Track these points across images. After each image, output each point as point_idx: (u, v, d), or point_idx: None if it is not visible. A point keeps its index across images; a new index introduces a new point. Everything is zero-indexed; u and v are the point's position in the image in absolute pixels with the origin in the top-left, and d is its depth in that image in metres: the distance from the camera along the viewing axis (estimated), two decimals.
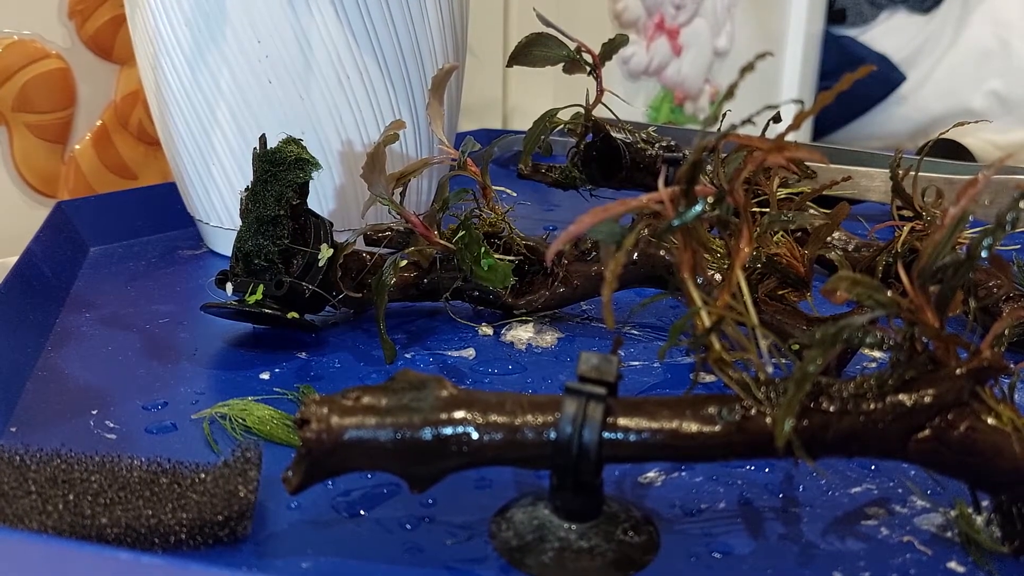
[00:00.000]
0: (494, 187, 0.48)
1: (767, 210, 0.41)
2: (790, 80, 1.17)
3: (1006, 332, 0.28)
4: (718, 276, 0.37)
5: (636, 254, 0.45)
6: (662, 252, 0.44)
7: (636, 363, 0.44)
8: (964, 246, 0.27)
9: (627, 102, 0.67)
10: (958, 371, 0.27)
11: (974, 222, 0.29)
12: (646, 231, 0.41)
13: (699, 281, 0.27)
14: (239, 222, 0.45)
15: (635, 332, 0.48)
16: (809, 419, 0.27)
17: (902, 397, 0.27)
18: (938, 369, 0.27)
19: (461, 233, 0.45)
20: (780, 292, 0.41)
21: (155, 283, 0.56)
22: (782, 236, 0.41)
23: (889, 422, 0.27)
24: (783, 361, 0.32)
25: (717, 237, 0.40)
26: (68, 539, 0.28)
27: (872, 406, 0.27)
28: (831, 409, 0.27)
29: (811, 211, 0.46)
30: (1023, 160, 0.91)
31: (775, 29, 1.15)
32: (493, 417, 0.27)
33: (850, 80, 0.23)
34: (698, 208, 0.24)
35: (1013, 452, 0.27)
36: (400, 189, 0.47)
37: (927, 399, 0.27)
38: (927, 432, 0.27)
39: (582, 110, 0.56)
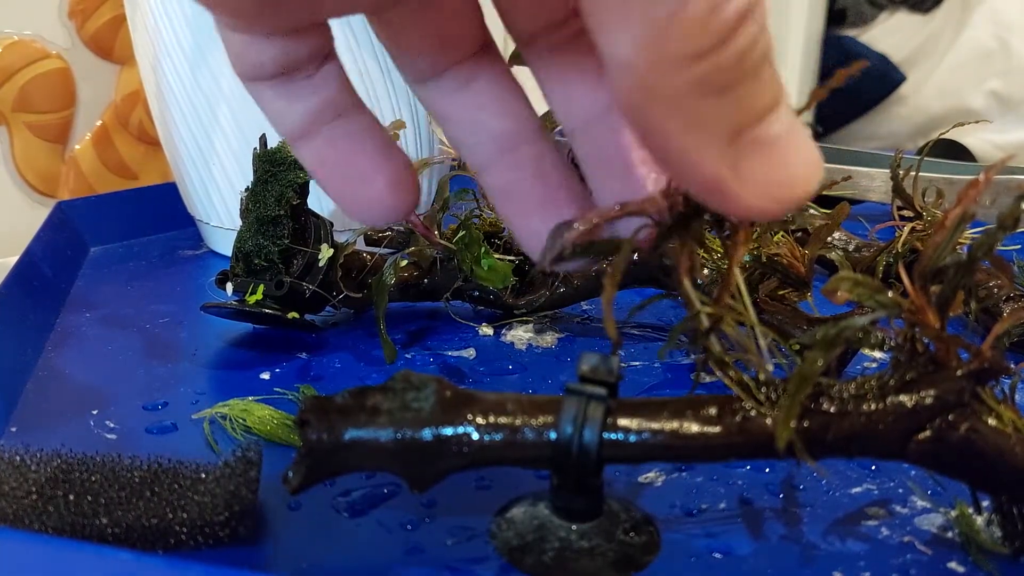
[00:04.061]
0: None
1: None
2: (790, 80, 1.17)
3: (1007, 333, 0.28)
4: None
5: (636, 255, 0.45)
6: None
7: (636, 363, 0.44)
8: (965, 247, 0.27)
9: None
10: (959, 372, 0.27)
11: (975, 222, 0.29)
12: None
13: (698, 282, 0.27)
14: (239, 222, 0.45)
15: (635, 332, 0.48)
16: (810, 420, 0.27)
17: (903, 398, 0.27)
18: (939, 370, 0.27)
19: (461, 233, 0.45)
20: (780, 292, 0.41)
21: (155, 283, 0.56)
22: (782, 236, 0.41)
23: (890, 423, 0.26)
24: (783, 361, 0.32)
25: (715, 237, 0.39)
26: (68, 539, 0.28)
27: (873, 407, 0.27)
28: (832, 410, 0.27)
29: (811, 211, 0.46)
30: (1023, 160, 0.91)
31: (775, 29, 1.15)
32: (493, 417, 0.27)
33: (843, 77, 0.22)
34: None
35: (1014, 453, 0.27)
36: None
37: (928, 400, 0.27)
38: (928, 433, 0.27)
39: None
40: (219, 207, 0.58)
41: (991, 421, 0.27)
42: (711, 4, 0.16)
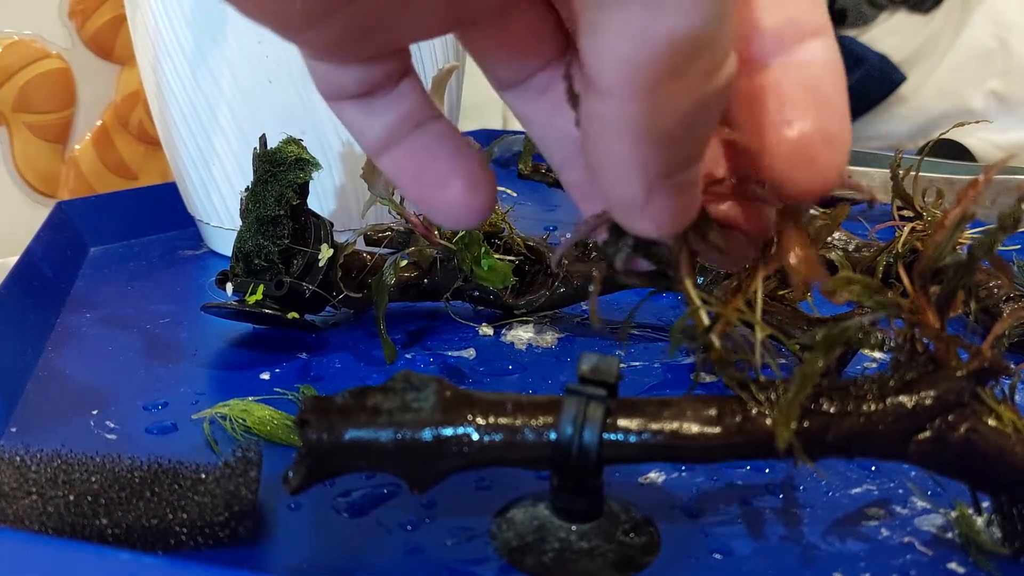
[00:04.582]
0: None
1: None
2: None
3: (1007, 333, 0.28)
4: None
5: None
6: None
7: (636, 363, 0.44)
8: (965, 247, 0.27)
9: None
10: (959, 372, 0.27)
11: (975, 223, 0.29)
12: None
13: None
14: (239, 222, 0.45)
15: (635, 332, 0.48)
16: (810, 420, 0.27)
17: (903, 398, 0.27)
18: (939, 370, 0.27)
19: (461, 233, 0.45)
20: (780, 292, 0.41)
21: (155, 283, 0.56)
22: None
23: (890, 423, 0.26)
24: (783, 361, 0.32)
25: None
26: (69, 540, 0.28)
27: (873, 407, 0.27)
28: (831, 410, 0.27)
29: (811, 211, 0.46)
30: (1023, 160, 0.91)
31: None
32: (493, 418, 0.27)
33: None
34: None
35: (1014, 453, 0.27)
36: None
37: (928, 400, 0.27)
38: (928, 433, 0.27)
39: None
40: (219, 207, 0.58)
41: (991, 422, 0.27)
42: (711, 67, 0.17)
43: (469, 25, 0.22)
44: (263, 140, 0.46)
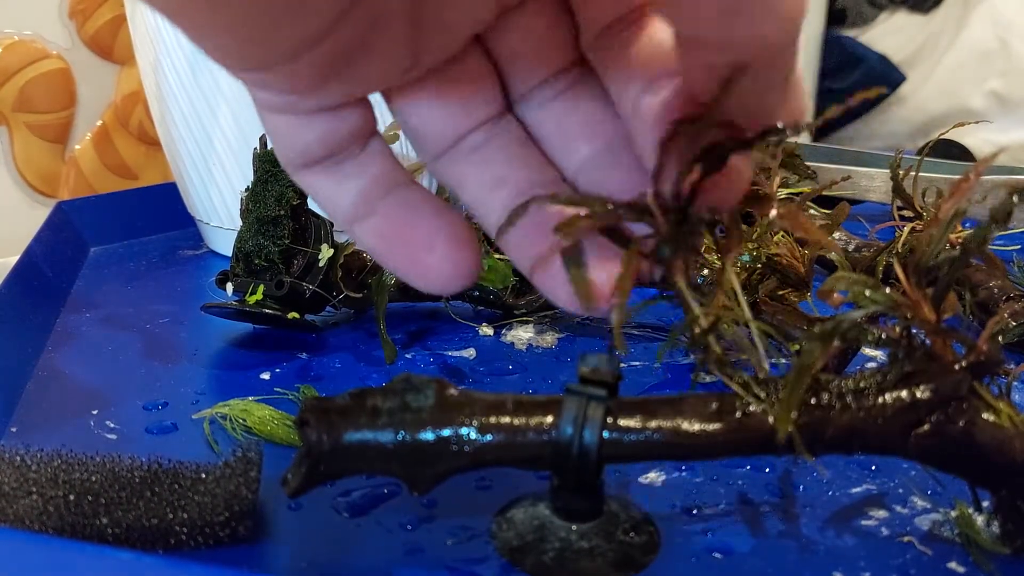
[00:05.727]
0: None
1: None
2: None
3: (1004, 328, 0.28)
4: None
5: None
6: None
7: (636, 363, 0.44)
8: (959, 243, 0.27)
9: None
10: (956, 366, 0.27)
11: (973, 221, 0.29)
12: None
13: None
14: (239, 222, 0.45)
15: (635, 332, 0.48)
16: (809, 415, 0.27)
17: (901, 392, 0.27)
18: (936, 364, 0.27)
19: None
20: (780, 292, 0.41)
21: (155, 283, 0.56)
22: (782, 236, 0.41)
23: (889, 417, 0.27)
24: (783, 361, 0.32)
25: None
26: (69, 539, 0.28)
27: (872, 401, 0.27)
28: (831, 406, 0.27)
29: (811, 211, 0.46)
30: (1023, 160, 0.91)
31: None
32: (494, 418, 0.27)
33: (860, 97, 0.23)
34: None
35: (1013, 447, 0.27)
36: None
37: (926, 394, 0.27)
38: (927, 427, 0.27)
39: None
40: (219, 207, 0.58)
41: (989, 417, 0.27)
42: None
43: (423, 72, 0.22)
44: (263, 140, 0.46)
